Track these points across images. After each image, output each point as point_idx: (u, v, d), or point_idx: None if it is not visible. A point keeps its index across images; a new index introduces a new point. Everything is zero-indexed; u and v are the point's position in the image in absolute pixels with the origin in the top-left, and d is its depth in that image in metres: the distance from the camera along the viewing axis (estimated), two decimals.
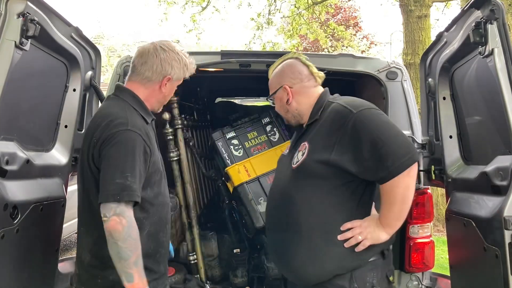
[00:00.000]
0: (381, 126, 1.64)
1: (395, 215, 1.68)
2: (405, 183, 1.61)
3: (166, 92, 1.87)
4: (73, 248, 5.69)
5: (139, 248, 1.62)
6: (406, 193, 1.64)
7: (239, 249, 3.09)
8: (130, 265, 1.58)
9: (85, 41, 2.37)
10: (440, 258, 4.22)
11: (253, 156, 3.09)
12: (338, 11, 17.65)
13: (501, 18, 1.68)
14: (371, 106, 1.73)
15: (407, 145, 1.62)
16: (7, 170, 1.70)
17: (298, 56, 1.98)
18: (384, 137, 1.59)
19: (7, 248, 1.70)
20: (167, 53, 1.82)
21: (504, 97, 1.66)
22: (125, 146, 1.64)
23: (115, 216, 1.57)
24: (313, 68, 1.94)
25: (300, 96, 1.90)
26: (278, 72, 1.97)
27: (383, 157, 1.57)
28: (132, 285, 1.59)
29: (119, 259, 1.58)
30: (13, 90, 1.74)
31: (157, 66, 1.80)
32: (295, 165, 1.78)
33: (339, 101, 1.78)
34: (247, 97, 5.64)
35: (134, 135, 1.67)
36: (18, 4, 1.70)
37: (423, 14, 6.86)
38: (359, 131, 1.63)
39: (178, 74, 1.85)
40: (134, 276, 1.59)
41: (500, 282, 1.60)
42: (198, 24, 11.53)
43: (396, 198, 1.64)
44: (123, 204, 1.59)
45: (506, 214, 1.58)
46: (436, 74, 2.28)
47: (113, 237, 1.58)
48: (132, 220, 1.61)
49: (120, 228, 1.57)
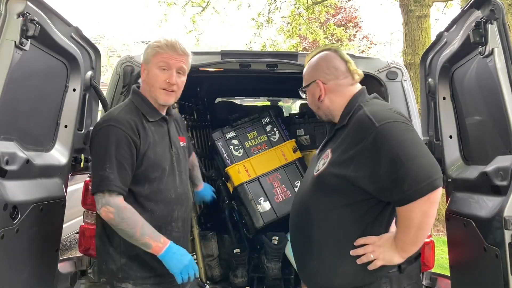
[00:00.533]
0: (404, 143, 1.45)
1: (410, 240, 1.52)
2: (422, 209, 1.43)
3: (146, 78, 1.90)
4: (73, 248, 5.69)
5: (139, 220, 1.75)
6: (424, 220, 1.46)
7: (239, 249, 3.09)
8: (139, 237, 1.74)
9: (85, 41, 2.37)
10: (440, 258, 4.22)
11: (253, 156, 3.10)
12: (338, 11, 17.64)
13: (501, 18, 1.68)
14: (398, 119, 1.53)
15: (431, 168, 1.42)
16: (7, 170, 1.70)
17: (336, 49, 1.79)
18: (405, 157, 1.41)
19: (7, 248, 1.70)
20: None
21: (504, 97, 1.66)
22: (104, 140, 1.77)
23: (103, 208, 1.74)
24: (352, 64, 1.76)
25: (334, 94, 1.73)
26: (313, 65, 1.79)
27: (400, 179, 1.41)
28: (153, 250, 1.75)
29: (129, 238, 1.76)
30: (13, 90, 1.74)
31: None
32: (316, 174, 1.68)
33: (366, 109, 1.59)
34: (247, 97, 5.64)
35: (113, 129, 1.77)
36: (18, 4, 1.70)
37: (423, 14, 6.86)
38: (379, 147, 1.47)
39: (145, 55, 1.90)
40: (149, 243, 1.75)
41: (500, 282, 1.60)
42: (198, 25, 11.52)
43: (412, 223, 1.47)
44: (106, 194, 1.73)
45: (506, 214, 1.58)
46: (436, 74, 2.28)
47: (112, 224, 1.76)
48: (118, 204, 1.74)
49: (111, 215, 1.73)
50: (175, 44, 1.85)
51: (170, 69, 1.85)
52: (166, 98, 1.88)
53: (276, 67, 2.63)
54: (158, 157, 1.86)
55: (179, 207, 1.94)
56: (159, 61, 1.84)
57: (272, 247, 2.97)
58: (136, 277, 1.87)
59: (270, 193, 3.02)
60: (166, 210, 1.88)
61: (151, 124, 1.88)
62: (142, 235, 1.74)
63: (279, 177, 3.07)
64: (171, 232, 1.89)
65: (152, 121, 1.88)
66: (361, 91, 1.74)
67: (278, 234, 3.03)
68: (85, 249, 2.44)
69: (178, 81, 1.87)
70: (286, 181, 3.07)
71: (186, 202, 1.99)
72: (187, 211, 2.00)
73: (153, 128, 1.88)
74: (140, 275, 1.87)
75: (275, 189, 3.04)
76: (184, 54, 1.88)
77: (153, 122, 1.89)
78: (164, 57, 1.84)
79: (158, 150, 1.87)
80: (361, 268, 1.60)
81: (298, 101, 6.17)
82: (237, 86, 4.45)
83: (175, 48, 1.84)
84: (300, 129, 3.49)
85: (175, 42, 1.86)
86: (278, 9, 11.58)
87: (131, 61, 2.59)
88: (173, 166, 1.92)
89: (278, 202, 3.01)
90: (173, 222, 1.91)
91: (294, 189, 3.05)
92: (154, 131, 1.88)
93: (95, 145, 1.81)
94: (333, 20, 15.95)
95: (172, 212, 1.90)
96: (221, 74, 2.81)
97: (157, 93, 1.87)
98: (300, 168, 3.11)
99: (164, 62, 1.84)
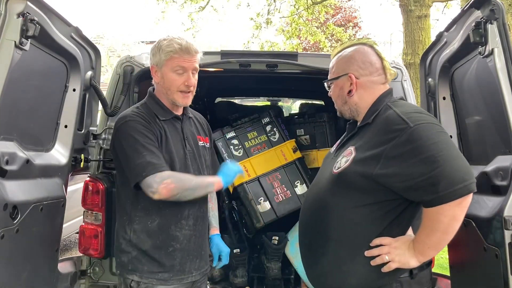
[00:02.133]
0: (440, 145, 1.41)
1: (433, 244, 1.49)
2: (453, 213, 1.40)
3: (161, 81, 1.92)
4: (73, 248, 5.69)
5: (190, 175, 1.87)
6: (452, 224, 1.42)
7: (239, 249, 3.09)
8: (200, 185, 1.87)
9: (85, 41, 2.37)
10: (440, 258, 4.22)
11: (253, 156, 3.10)
12: (338, 11, 17.65)
13: (501, 18, 1.68)
14: (432, 120, 1.51)
15: (467, 171, 1.39)
16: (7, 170, 1.70)
17: (372, 44, 1.72)
18: (442, 158, 1.38)
19: (7, 248, 1.70)
20: (152, 46, 1.94)
21: (504, 97, 1.66)
22: (128, 134, 1.82)
23: (162, 185, 1.73)
24: (387, 62, 1.71)
25: (364, 90, 1.67)
26: (347, 57, 1.71)
27: (435, 179, 1.37)
28: (215, 187, 1.91)
29: (194, 191, 1.84)
30: (13, 90, 1.74)
31: (149, 62, 1.96)
32: (336, 171, 1.62)
33: (397, 109, 1.55)
34: (247, 97, 5.64)
35: (131, 123, 1.84)
36: (18, 4, 1.70)
37: (423, 14, 6.87)
38: (414, 147, 1.43)
39: (157, 58, 1.90)
40: (210, 182, 1.90)
41: (500, 282, 1.60)
42: (196, 23, 11.51)
43: (439, 226, 1.44)
44: (157, 174, 1.75)
45: (506, 214, 1.58)
46: (436, 74, 2.28)
47: (177, 194, 1.78)
48: (169, 173, 1.78)
49: (173, 185, 1.75)
50: (189, 47, 1.87)
51: (186, 71, 1.89)
52: (184, 100, 1.93)
53: (276, 67, 2.63)
54: (170, 154, 1.89)
55: (191, 205, 1.93)
56: (175, 66, 1.87)
57: (272, 247, 2.98)
58: (143, 270, 1.89)
59: (270, 193, 3.02)
60: (175, 207, 1.88)
61: (163, 123, 1.93)
62: (200, 180, 1.89)
63: (279, 177, 3.07)
64: (181, 230, 1.91)
65: (163, 119, 1.93)
66: (389, 91, 1.70)
67: (278, 234, 3.04)
68: (85, 249, 2.44)
69: (194, 81, 1.93)
70: (286, 181, 3.07)
71: (200, 200, 1.97)
72: (201, 209, 2.00)
73: (166, 126, 1.93)
74: (147, 269, 1.89)
75: (275, 189, 3.04)
76: (196, 53, 1.91)
77: (165, 121, 1.94)
78: (179, 61, 1.87)
79: (170, 147, 1.90)
80: (374, 270, 1.57)
81: (298, 101, 6.17)
82: (237, 86, 4.45)
83: (189, 51, 1.87)
84: (300, 129, 3.49)
85: (188, 44, 1.88)
86: (278, 10, 11.59)
87: (131, 61, 2.59)
88: (187, 164, 1.93)
89: (278, 202, 3.01)
90: (183, 220, 1.91)
91: (294, 189, 3.05)
92: (167, 129, 1.92)
93: (120, 141, 1.83)
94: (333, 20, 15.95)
95: (182, 209, 1.90)
96: (221, 74, 2.81)
97: (175, 96, 1.91)
98: (300, 168, 3.11)
99: (179, 66, 1.87)
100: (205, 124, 2.18)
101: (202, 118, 2.20)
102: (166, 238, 1.89)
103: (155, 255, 1.88)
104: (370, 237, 1.57)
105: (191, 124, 2.06)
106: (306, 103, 4.68)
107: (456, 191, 1.36)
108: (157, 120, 1.91)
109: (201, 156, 2.02)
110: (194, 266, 1.96)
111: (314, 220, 1.73)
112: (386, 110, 1.59)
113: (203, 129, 2.14)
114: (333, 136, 3.35)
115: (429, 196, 1.41)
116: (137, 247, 1.90)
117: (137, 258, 1.90)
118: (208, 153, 2.10)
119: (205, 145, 2.08)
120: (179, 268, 1.91)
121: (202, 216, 2.02)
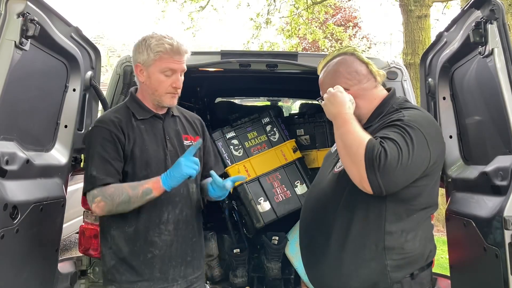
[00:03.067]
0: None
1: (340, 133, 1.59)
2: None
3: (147, 81, 1.83)
4: (73, 248, 5.69)
5: (123, 185, 1.75)
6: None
7: (239, 249, 3.09)
8: (135, 194, 1.72)
9: (85, 41, 2.37)
10: (440, 258, 4.22)
11: (253, 156, 3.10)
12: (337, 11, 17.64)
13: (501, 18, 1.68)
14: (435, 125, 1.61)
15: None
16: (7, 170, 1.69)
17: (353, 52, 1.74)
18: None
19: (7, 248, 1.70)
20: (137, 43, 1.85)
21: (504, 97, 1.65)
22: (89, 141, 1.84)
23: (93, 204, 1.75)
24: (373, 66, 1.72)
25: (359, 99, 1.67)
26: (332, 71, 1.73)
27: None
28: (154, 189, 1.72)
29: (129, 203, 1.72)
30: (13, 90, 1.74)
31: (132, 59, 1.88)
32: (338, 170, 1.64)
33: (405, 112, 1.58)
34: (247, 97, 5.64)
35: (96, 129, 1.83)
36: (18, 4, 1.69)
37: (423, 14, 6.86)
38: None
39: (144, 57, 1.80)
40: (146, 188, 1.72)
41: (500, 282, 1.60)
42: (196, 22, 11.50)
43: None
44: (94, 190, 1.75)
45: (506, 214, 1.58)
46: (436, 74, 2.28)
47: (109, 210, 1.75)
48: (100, 190, 1.74)
49: (102, 203, 1.73)
50: (179, 47, 1.79)
51: (175, 73, 1.82)
52: (172, 101, 1.86)
53: (276, 67, 2.63)
54: (146, 155, 1.82)
55: (170, 208, 1.85)
56: (164, 67, 1.79)
57: (272, 247, 2.98)
58: (122, 280, 1.82)
59: (270, 193, 3.02)
60: (153, 212, 1.82)
61: (141, 122, 1.86)
62: (135, 189, 1.72)
63: (279, 177, 3.07)
64: (160, 235, 1.83)
65: (141, 119, 1.86)
66: (391, 95, 1.71)
67: (278, 234, 3.04)
68: (85, 249, 2.44)
69: (181, 82, 1.86)
70: (286, 181, 3.07)
71: (180, 203, 1.88)
72: (183, 213, 1.88)
73: (144, 126, 1.86)
74: (125, 279, 1.82)
75: (275, 189, 3.04)
76: (186, 53, 1.84)
77: (144, 120, 1.86)
78: (169, 63, 1.79)
79: (147, 148, 1.83)
80: (377, 271, 1.57)
81: (298, 101, 6.17)
82: (237, 86, 4.45)
83: (179, 51, 1.80)
84: (300, 129, 3.49)
85: (178, 45, 1.80)
86: (278, 10, 11.58)
87: (131, 61, 2.59)
88: (166, 164, 1.83)
89: (278, 202, 3.02)
90: (161, 225, 1.83)
91: (294, 189, 3.05)
92: (144, 130, 1.85)
93: (85, 147, 1.92)
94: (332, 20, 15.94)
95: (161, 214, 1.83)
96: (221, 74, 2.82)
97: (163, 97, 1.84)
98: (300, 168, 3.11)
99: (169, 68, 1.79)
100: (197, 123, 2.08)
101: (193, 117, 2.11)
102: (143, 244, 1.81)
103: (133, 263, 1.81)
104: (372, 237, 1.57)
105: (176, 123, 1.97)
106: (306, 103, 4.68)
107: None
108: (133, 120, 1.85)
109: None
110: (179, 274, 1.87)
111: (315, 221, 1.72)
112: (392, 112, 1.61)
113: (193, 128, 2.04)
114: (333, 136, 3.34)
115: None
116: (116, 255, 1.83)
117: (115, 268, 1.83)
118: (197, 152, 1.94)
119: (191, 144, 1.94)
120: (160, 276, 1.83)
121: (185, 220, 1.90)
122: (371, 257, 1.57)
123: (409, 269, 1.62)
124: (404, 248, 1.59)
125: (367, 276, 1.59)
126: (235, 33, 48.04)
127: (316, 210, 1.73)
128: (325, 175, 1.75)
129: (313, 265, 1.76)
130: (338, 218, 1.62)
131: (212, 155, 2.13)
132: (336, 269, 1.63)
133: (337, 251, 1.62)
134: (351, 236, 1.59)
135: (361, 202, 1.56)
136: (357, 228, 1.59)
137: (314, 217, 1.73)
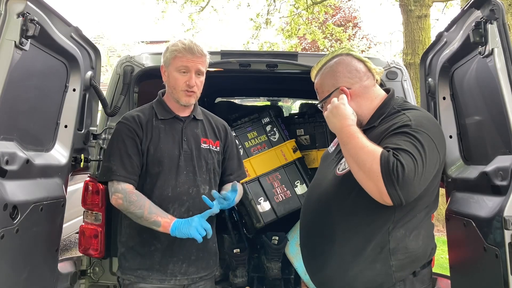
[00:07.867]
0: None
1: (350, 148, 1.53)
2: None
3: (167, 80, 2.00)
4: (73, 248, 5.69)
5: (146, 201, 1.85)
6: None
7: (239, 249, 3.09)
8: (148, 216, 1.82)
9: (85, 41, 2.37)
10: (440, 258, 4.22)
11: (253, 156, 3.10)
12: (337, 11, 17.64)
13: (501, 18, 1.68)
14: (437, 125, 1.61)
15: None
16: (7, 170, 1.69)
17: (349, 52, 1.73)
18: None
19: (7, 248, 1.70)
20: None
21: (504, 97, 1.65)
22: (112, 136, 2.00)
23: (113, 195, 1.89)
24: (370, 63, 1.71)
25: (360, 97, 1.67)
26: (331, 72, 1.71)
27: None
28: (162, 227, 1.81)
29: (139, 219, 1.84)
30: (13, 90, 1.74)
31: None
32: (341, 172, 1.62)
33: (408, 114, 1.57)
34: (247, 97, 5.64)
35: (120, 125, 1.99)
36: (18, 4, 1.69)
37: (423, 14, 6.86)
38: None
39: (165, 58, 1.98)
40: (158, 220, 1.82)
41: (500, 282, 1.60)
42: (196, 24, 11.51)
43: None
44: (115, 182, 1.90)
45: (506, 214, 1.58)
46: (436, 74, 2.28)
47: (122, 210, 1.89)
48: (125, 189, 1.88)
49: (120, 201, 1.87)
50: (192, 46, 1.92)
51: (189, 71, 1.94)
52: (187, 99, 1.98)
53: (276, 67, 2.63)
54: (159, 153, 1.94)
55: (176, 206, 1.93)
56: (178, 65, 1.93)
57: (272, 247, 2.98)
58: (125, 267, 1.98)
59: (270, 193, 3.02)
60: (160, 206, 1.88)
61: (161, 122, 2.00)
62: (150, 214, 1.82)
63: (279, 177, 3.07)
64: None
65: (161, 119, 1.99)
66: (391, 96, 1.71)
67: (278, 234, 3.04)
68: (85, 249, 2.44)
69: (197, 81, 1.97)
70: (286, 181, 3.07)
71: (188, 203, 1.95)
72: (189, 212, 1.94)
73: (163, 126, 1.99)
74: (128, 266, 1.97)
75: (275, 189, 3.04)
76: (202, 56, 1.95)
77: (164, 121, 2.00)
78: (183, 61, 1.92)
79: (162, 146, 1.95)
80: (380, 272, 1.57)
81: (298, 101, 6.17)
82: (237, 86, 4.45)
83: (192, 51, 1.92)
84: (300, 129, 3.49)
85: (192, 44, 1.93)
86: (278, 10, 11.59)
87: (131, 61, 2.60)
88: (179, 164, 1.95)
89: (278, 202, 3.01)
90: None
91: (294, 189, 3.05)
92: (163, 129, 1.98)
93: (110, 139, 2.04)
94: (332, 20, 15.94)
95: (166, 210, 1.88)
96: (221, 74, 2.81)
97: (179, 95, 1.97)
98: (300, 168, 3.11)
99: (183, 65, 1.93)
100: (220, 128, 2.17)
101: (218, 122, 2.21)
102: (149, 236, 1.93)
103: (140, 252, 1.95)
104: (378, 239, 1.57)
105: (197, 126, 2.08)
106: (306, 103, 4.68)
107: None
108: (154, 119, 1.99)
109: (201, 159, 2.02)
110: (180, 270, 1.95)
111: (318, 223, 1.72)
112: (394, 113, 1.60)
113: (215, 132, 2.13)
114: (333, 136, 3.33)
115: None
116: (126, 244, 1.99)
117: (123, 255, 1.99)
118: (214, 156, 2.07)
119: (210, 148, 2.07)
120: (158, 268, 1.94)
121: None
122: (376, 258, 1.57)
123: (412, 268, 1.62)
124: (408, 248, 1.60)
125: (372, 278, 1.59)
126: (235, 33, 48.02)
127: (318, 212, 1.72)
128: (325, 176, 1.74)
129: (316, 268, 1.75)
130: (343, 221, 1.61)
131: (236, 159, 2.21)
132: (341, 271, 1.63)
133: (342, 254, 1.62)
134: (356, 238, 1.59)
135: (367, 206, 1.55)
136: (362, 231, 1.59)
137: (317, 219, 1.73)
